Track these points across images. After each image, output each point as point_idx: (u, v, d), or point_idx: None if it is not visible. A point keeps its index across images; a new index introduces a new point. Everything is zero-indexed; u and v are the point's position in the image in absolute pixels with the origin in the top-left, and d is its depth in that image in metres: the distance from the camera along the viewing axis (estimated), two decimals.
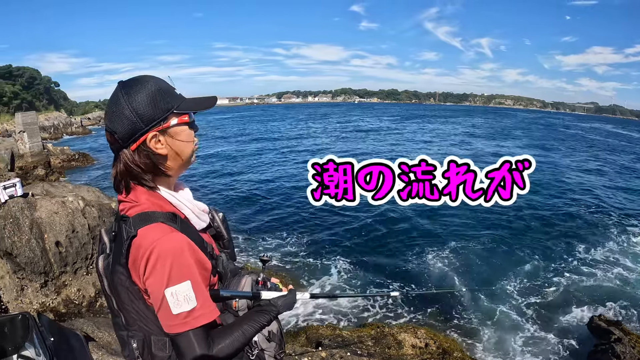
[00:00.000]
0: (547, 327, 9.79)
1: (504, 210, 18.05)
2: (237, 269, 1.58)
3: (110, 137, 1.27)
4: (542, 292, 11.31)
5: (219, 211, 1.65)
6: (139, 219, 1.24)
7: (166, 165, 1.33)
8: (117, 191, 1.37)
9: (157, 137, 1.28)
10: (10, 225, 7.59)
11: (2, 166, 26.79)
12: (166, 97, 1.29)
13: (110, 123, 1.24)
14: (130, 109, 1.23)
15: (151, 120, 1.26)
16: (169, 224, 1.25)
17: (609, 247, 14.47)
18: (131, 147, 1.27)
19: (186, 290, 1.17)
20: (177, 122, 1.31)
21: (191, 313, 1.17)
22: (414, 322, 9.34)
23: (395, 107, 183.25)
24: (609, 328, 8.93)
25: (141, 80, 1.27)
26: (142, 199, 1.30)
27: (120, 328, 1.34)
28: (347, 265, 12.19)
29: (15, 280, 7.52)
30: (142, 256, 1.17)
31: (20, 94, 75.27)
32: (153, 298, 1.20)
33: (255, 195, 20.59)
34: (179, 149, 1.33)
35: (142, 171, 1.29)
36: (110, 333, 5.15)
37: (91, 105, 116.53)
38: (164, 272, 1.16)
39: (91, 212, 8.64)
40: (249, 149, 37.93)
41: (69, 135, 61.17)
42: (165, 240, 1.18)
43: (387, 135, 53.01)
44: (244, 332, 1.29)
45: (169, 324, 1.19)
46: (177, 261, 1.18)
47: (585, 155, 39.05)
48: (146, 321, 1.26)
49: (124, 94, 1.24)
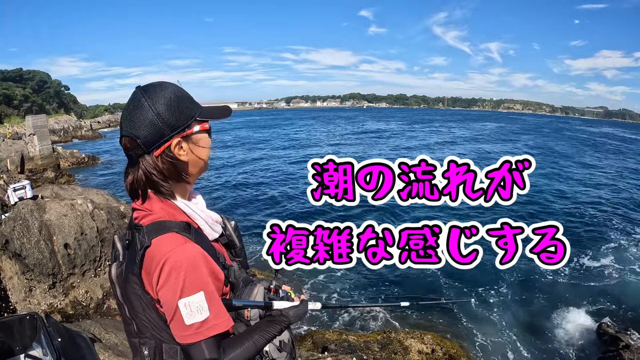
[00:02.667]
0: (555, 334, 9.69)
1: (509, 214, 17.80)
2: (249, 277, 1.55)
3: (130, 143, 1.24)
4: (550, 300, 11.20)
5: (231, 219, 1.64)
6: (153, 228, 1.23)
7: (188, 171, 1.33)
8: (132, 198, 1.35)
9: (181, 143, 1.27)
10: (20, 227, 7.67)
11: (12, 168, 27.10)
12: (188, 104, 1.29)
13: (132, 128, 1.22)
14: (155, 114, 1.22)
15: (176, 126, 1.25)
16: (183, 234, 1.24)
17: (617, 252, 14.32)
18: (155, 152, 1.25)
19: (199, 301, 1.16)
20: (199, 129, 1.31)
21: (204, 324, 1.16)
22: (420, 328, 9.28)
23: (404, 112, 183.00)
24: (617, 335, 8.84)
25: (162, 85, 1.27)
26: (155, 208, 1.29)
27: (132, 335, 1.33)
28: (355, 273, 12.08)
29: (24, 281, 7.59)
30: (156, 267, 1.16)
31: (31, 97, 76.18)
32: (166, 308, 1.19)
33: (264, 199, 20.64)
34: (200, 156, 1.33)
35: (164, 177, 1.28)
36: (117, 335, 5.18)
37: (101, 109, 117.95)
38: (177, 283, 1.15)
39: (100, 215, 8.70)
40: (259, 154, 38.09)
41: (79, 140, 61.77)
42: (179, 251, 1.17)
43: (398, 139, 52.92)
44: (255, 343, 1.28)
45: (181, 334, 1.17)
46: (190, 272, 1.17)
47: (592, 159, 38.64)
48: (158, 329, 1.25)
49: (147, 99, 1.23)
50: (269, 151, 40.53)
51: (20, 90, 74.16)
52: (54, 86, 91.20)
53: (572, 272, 12.75)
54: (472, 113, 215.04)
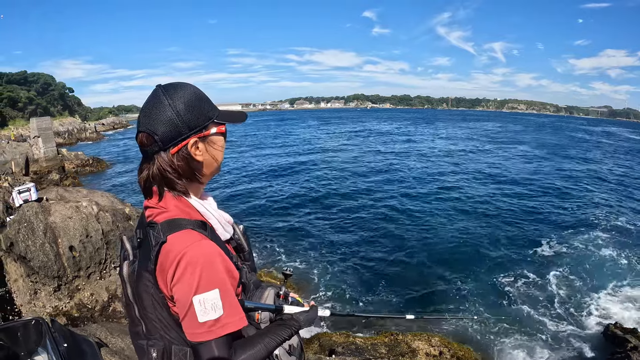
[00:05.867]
0: (562, 337, 9.65)
1: (518, 224, 17.96)
2: (258, 281, 1.56)
3: (147, 139, 1.25)
4: (556, 303, 11.16)
5: (239, 223, 1.63)
6: (168, 225, 1.22)
7: (202, 172, 1.33)
8: (145, 196, 1.35)
9: (197, 143, 1.28)
10: (25, 230, 7.65)
11: (17, 170, 27.24)
12: (207, 105, 1.30)
13: (150, 124, 1.24)
14: (174, 112, 1.23)
15: (194, 126, 1.26)
16: (199, 231, 1.23)
17: (622, 256, 14.21)
18: (171, 150, 1.26)
19: (214, 299, 1.15)
20: (216, 131, 1.32)
21: (217, 322, 1.14)
22: (427, 331, 9.24)
23: (409, 113, 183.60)
24: (625, 336, 8.78)
25: (183, 85, 1.28)
26: (170, 206, 1.28)
27: (139, 337, 1.31)
28: (363, 282, 12.21)
29: (29, 284, 7.57)
30: (172, 262, 1.15)
31: (35, 99, 76.63)
32: (179, 305, 1.17)
33: (270, 206, 20.56)
34: (215, 158, 1.34)
35: (178, 176, 1.28)
36: (124, 339, 5.13)
37: (105, 111, 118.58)
38: (193, 279, 1.13)
39: (105, 217, 8.68)
40: (263, 158, 37.89)
41: (83, 142, 62.14)
42: (196, 246, 1.16)
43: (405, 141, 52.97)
44: (266, 345, 1.28)
45: (193, 331, 1.15)
46: (207, 269, 1.15)
47: (612, 163, 38.19)
48: (168, 330, 1.23)
49: (167, 97, 1.24)
50: (271, 151, 40.60)
51: (24, 93, 74.61)
52: (58, 89, 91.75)
53: (577, 275, 12.71)
54: (476, 113, 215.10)
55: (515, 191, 24.05)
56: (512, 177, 28.23)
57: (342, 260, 13.75)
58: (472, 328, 9.73)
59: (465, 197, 22.32)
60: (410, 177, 27.92)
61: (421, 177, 28.07)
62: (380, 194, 22.82)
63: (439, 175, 28.39)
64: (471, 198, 22.05)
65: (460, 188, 24.19)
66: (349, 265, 13.33)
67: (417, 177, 28.14)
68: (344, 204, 20.65)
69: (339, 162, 34.41)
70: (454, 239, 15.75)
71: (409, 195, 22.56)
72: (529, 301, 11.20)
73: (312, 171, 29.83)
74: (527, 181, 26.97)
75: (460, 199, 21.96)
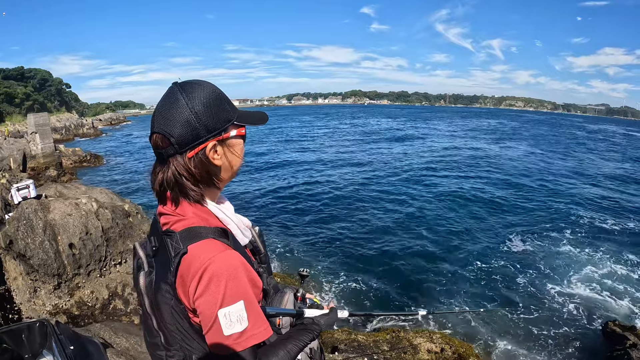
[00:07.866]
0: (561, 334, 9.71)
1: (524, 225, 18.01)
2: (277, 285, 1.54)
3: (162, 141, 1.19)
4: (556, 300, 11.23)
5: (255, 225, 1.59)
6: (188, 234, 1.16)
7: (219, 177, 1.27)
8: (160, 201, 1.29)
9: (216, 146, 1.22)
10: (24, 227, 7.58)
11: (15, 167, 27.10)
12: (227, 106, 1.23)
13: (166, 125, 1.17)
14: (193, 113, 1.16)
15: (213, 128, 1.19)
16: (221, 240, 1.18)
17: (621, 254, 14.32)
18: (188, 154, 1.19)
19: (239, 311, 1.10)
20: (236, 134, 1.26)
21: (243, 334, 1.10)
22: (429, 327, 9.27)
23: (406, 109, 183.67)
24: (624, 334, 8.82)
25: (201, 84, 1.21)
26: (188, 213, 1.22)
27: (158, 348, 1.27)
28: (375, 282, 12.17)
29: (29, 282, 7.51)
30: (194, 275, 1.10)
31: (32, 95, 76.28)
32: (203, 318, 1.12)
33: (269, 206, 20.49)
34: (233, 162, 1.28)
35: (194, 181, 1.21)
36: (128, 339, 5.08)
37: (102, 107, 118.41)
38: (218, 292, 1.08)
39: (105, 214, 8.61)
40: (268, 155, 37.63)
41: (81, 138, 61.97)
42: (219, 258, 1.11)
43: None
44: (289, 351, 1.24)
45: (219, 345, 1.11)
46: (232, 281, 1.10)
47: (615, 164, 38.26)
48: (189, 340, 1.19)
49: (185, 96, 1.17)
50: (280, 152, 40.42)
51: (21, 89, 74.25)
52: (55, 84, 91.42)
53: (576, 274, 12.76)
54: (473, 110, 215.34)
55: (523, 183, 24.71)
56: (518, 173, 28.45)
57: (342, 258, 13.75)
58: (473, 325, 9.79)
59: (472, 196, 22.31)
60: (404, 174, 28.07)
61: (414, 174, 28.19)
62: (381, 194, 22.80)
63: (438, 175, 28.36)
64: (478, 197, 22.11)
65: (461, 188, 24.10)
66: (350, 264, 13.33)
67: (410, 173, 28.35)
68: (343, 204, 20.68)
69: (337, 159, 34.35)
70: (455, 237, 15.82)
71: (411, 195, 22.55)
72: (530, 298, 11.26)
73: (312, 171, 29.72)
74: (535, 177, 27.37)
75: (467, 197, 22.03)
